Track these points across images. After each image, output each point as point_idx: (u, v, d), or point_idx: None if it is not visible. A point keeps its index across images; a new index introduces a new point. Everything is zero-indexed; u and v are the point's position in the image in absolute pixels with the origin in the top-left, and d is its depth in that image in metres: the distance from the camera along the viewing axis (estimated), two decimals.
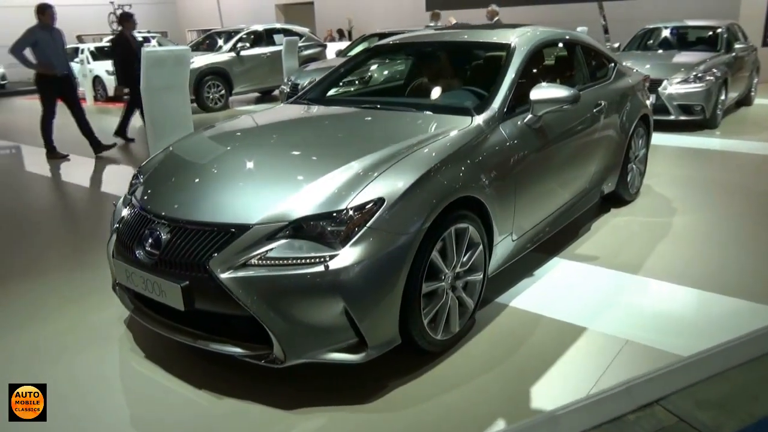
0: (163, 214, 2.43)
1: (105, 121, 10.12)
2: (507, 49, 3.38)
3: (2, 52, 19.46)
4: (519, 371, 2.50)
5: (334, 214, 2.22)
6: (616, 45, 9.09)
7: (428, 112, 3.12)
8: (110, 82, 13.20)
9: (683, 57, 8.04)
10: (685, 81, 7.39)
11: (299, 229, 2.23)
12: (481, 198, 2.65)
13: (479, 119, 2.89)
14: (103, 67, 13.50)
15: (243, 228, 2.23)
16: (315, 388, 2.39)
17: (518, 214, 3.01)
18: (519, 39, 3.46)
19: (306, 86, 4.99)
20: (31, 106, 14.44)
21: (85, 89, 13.74)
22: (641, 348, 2.63)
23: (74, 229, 4.78)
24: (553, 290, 3.20)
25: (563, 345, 2.67)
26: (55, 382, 2.47)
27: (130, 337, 2.83)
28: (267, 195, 2.37)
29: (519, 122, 3.07)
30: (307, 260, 2.14)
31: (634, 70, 4.92)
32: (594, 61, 4.24)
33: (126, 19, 7.95)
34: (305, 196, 2.29)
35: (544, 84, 3.11)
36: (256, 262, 2.17)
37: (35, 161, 7.45)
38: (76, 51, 14.27)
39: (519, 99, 3.13)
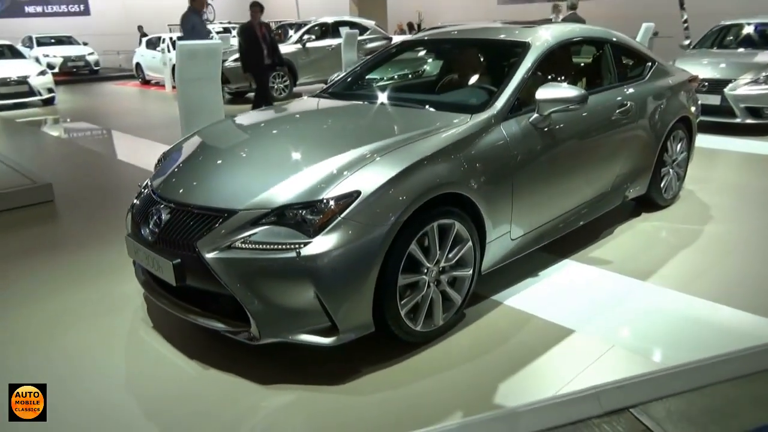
0: (166, 196, 2.65)
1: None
2: (522, 47, 3.37)
3: (96, 39, 20.90)
4: (494, 367, 2.54)
5: (313, 204, 2.35)
6: (686, 42, 8.64)
7: (431, 109, 3.17)
8: None
9: (759, 57, 7.53)
10: (755, 82, 6.95)
11: (282, 216, 2.37)
12: (469, 195, 2.69)
13: (478, 117, 2.92)
14: None
15: (230, 212, 2.41)
16: (292, 367, 2.53)
17: (517, 213, 3.02)
18: (536, 38, 3.44)
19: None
20: (121, 91, 15.55)
21: (165, 76, 14.58)
22: (625, 354, 2.60)
23: None
24: (552, 292, 3.19)
25: (546, 345, 2.67)
26: (67, 342, 2.77)
27: (144, 308, 3.08)
28: (255, 183, 2.53)
29: (524, 122, 3.06)
30: (283, 246, 2.28)
31: (680, 70, 4.71)
32: (626, 60, 4.12)
33: (253, 8, 8.10)
34: (289, 186, 2.43)
35: (551, 83, 3.08)
36: (239, 245, 2.33)
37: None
38: (158, 40, 15.12)
39: (531, 98, 3.12)
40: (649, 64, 4.25)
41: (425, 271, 2.60)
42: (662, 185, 4.35)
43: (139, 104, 13.32)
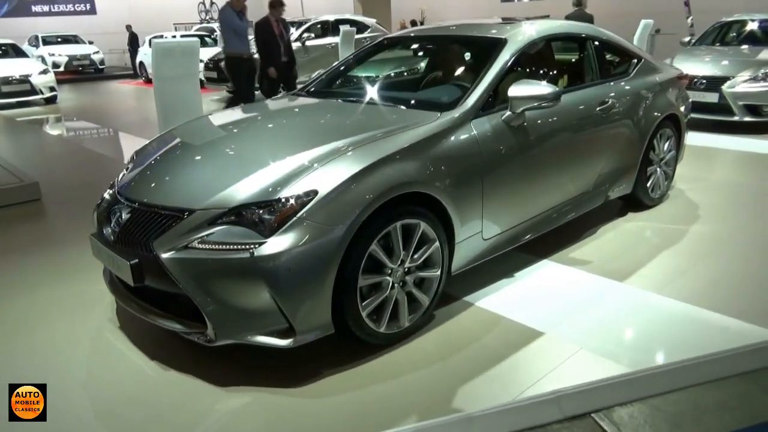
0: (127, 195, 2.63)
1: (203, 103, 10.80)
2: (498, 44, 3.31)
3: (102, 38, 20.97)
4: (457, 370, 2.49)
5: (269, 203, 2.31)
6: (686, 39, 8.52)
7: (402, 107, 3.13)
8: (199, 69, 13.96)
9: (761, 54, 7.39)
10: (753, 79, 6.83)
11: (240, 215, 2.34)
12: (435, 195, 2.65)
13: (447, 115, 2.87)
14: None
15: (188, 212, 2.37)
16: (252, 368, 2.49)
17: (489, 213, 2.97)
18: (512, 34, 3.38)
19: None
20: (124, 89, 15.63)
21: None
22: (592, 358, 2.54)
23: None
24: (526, 293, 3.13)
25: (512, 348, 2.62)
26: (34, 339, 2.77)
27: (113, 308, 3.06)
28: (215, 182, 2.49)
29: (496, 119, 3.01)
30: (237, 246, 2.25)
31: (670, 67, 4.63)
32: (609, 56, 4.05)
33: (272, 5, 7.92)
34: (247, 185, 2.40)
35: (524, 81, 3.03)
36: (196, 245, 2.30)
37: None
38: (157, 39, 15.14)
39: (506, 95, 3.05)
40: (635, 61, 4.18)
41: (389, 271, 2.55)
42: (649, 184, 4.27)
43: (139, 103, 13.33)
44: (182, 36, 16.02)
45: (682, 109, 4.48)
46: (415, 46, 4.01)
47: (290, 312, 2.28)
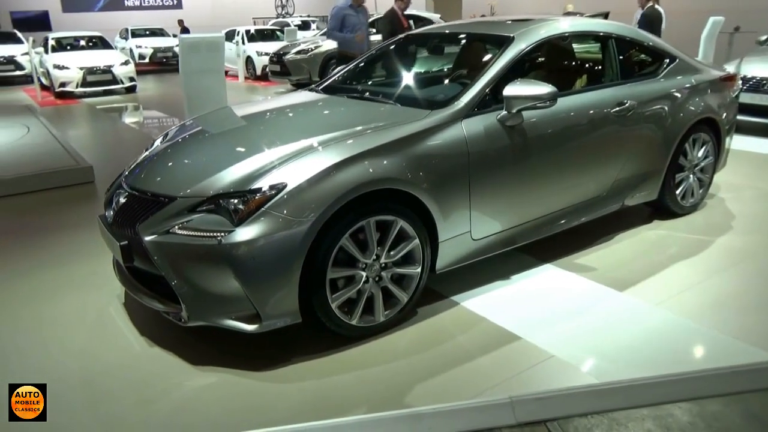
0: (127, 181, 2.82)
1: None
2: (504, 42, 3.26)
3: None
4: (422, 367, 2.52)
5: (241, 194, 2.42)
6: (763, 38, 7.93)
7: (398, 104, 3.14)
8: (259, 63, 14.51)
9: None
10: None
11: (218, 204, 2.46)
12: (414, 193, 2.66)
13: (436, 114, 2.86)
14: (254, 49, 14.82)
15: (170, 199, 2.53)
16: (227, 350, 2.62)
17: (479, 213, 2.95)
18: (522, 32, 3.31)
19: None
20: None
21: (238, 68, 15.23)
22: (562, 365, 2.48)
23: None
24: (516, 296, 3.09)
25: (483, 350, 2.61)
26: (44, 311, 3.04)
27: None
28: (199, 171, 2.64)
29: (491, 119, 2.97)
30: (208, 234, 2.37)
31: (714, 68, 4.36)
32: (635, 56, 3.87)
33: None
34: (225, 175, 2.52)
35: (521, 80, 2.97)
36: (176, 230, 2.45)
37: None
38: (232, 33, 15.78)
39: None
40: (667, 60, 3.97)
41: (362, 266, 2.60)
42: (678, 192, 4.06)
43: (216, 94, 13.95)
44: (257, 30, 16.59)
45: (724, 112, 4.20)
46: (429, 43, 4.00)
47: (256, 299, 2.38)
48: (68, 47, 13.95)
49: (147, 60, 18.90)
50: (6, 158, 6.06)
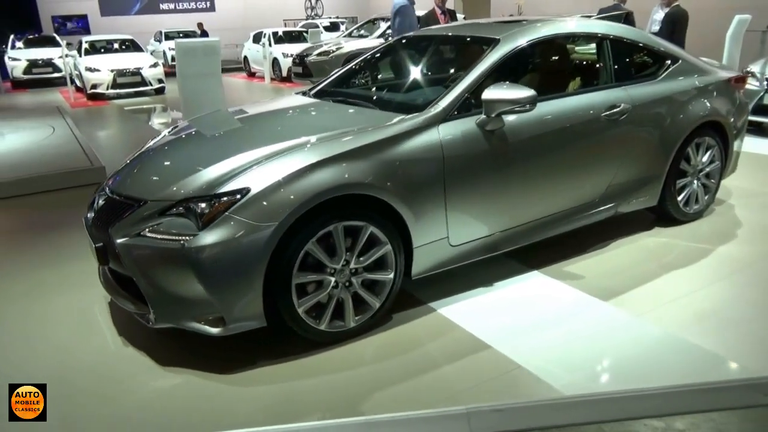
0: (108, 184, 2.89)
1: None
2: (489, 44, 3.21)
3: (219, 34, 22.43)
4: (386, 374, 2.50)
5: (206, 198, 2.44)
6: None
7: (377, 109, 3.13)
8: (285, 64, 14.65)
9: None
10: None
11: (187, 208, 2.49)
12: (384, 198, 2.64)
13: (411, 118, 2.83)
14: (280, 51, 14.98)
15: (142, 202, 2.57)
16: (196, 351, 2.64)
17: (456, 220, 2.91)
18: (508, 35, 3.25)
19: None
20: (228, 82, 16.63)
21: (264, 69, 15.42)
22: (527, 377, 2.43)
23: None
24: (495, 304, 3.03)
25: (451, 358, 2.58)
26: (35, 308, 3.15)
27: None
28: (170, 176, 2.68)
29: (469, 124, 2.93)
30: (173, 238, 2.40)
31: (722, 69, 4.20)
32: (632, 57, 3.76)
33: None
34: (194, 180, 2.55)
35: (501, 83, 2.92)
36: (146, 233, 2.49)
37: None
38: (259, 35, 15.98)
39: None
40: (669, 62, 3.84)
41: (330, 271, 2.60)
42: (680, 198, 3.93)
43: (237, 95, 14.17)
44: (284, 32, 16.78)
45: (731, 116, 4.05)
46: (420, 47, 3.97)
47: (219, 302, 2.41)
48: (101, 50, 14.37)
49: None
50: (26, 158, 6.28)
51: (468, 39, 3.60)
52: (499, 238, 3.15)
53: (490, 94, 2.86)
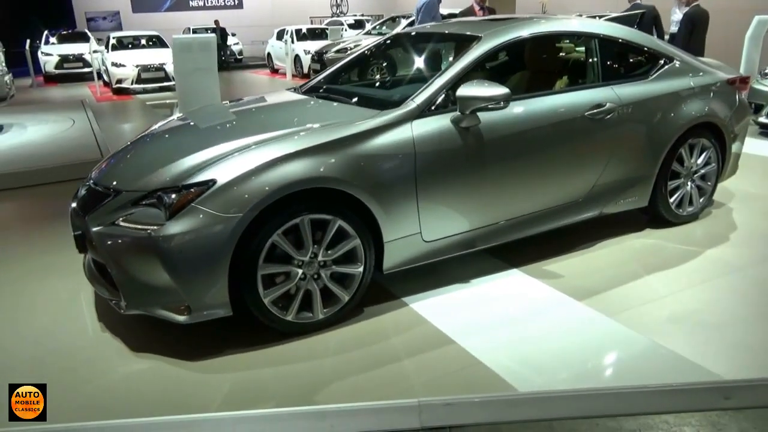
0: (91, 174, 2.99)
1: None
2: (470, 42, 3.21)
3: (247, 30, 22.72)
4: (347, 365, 2.54)
5: (175, 189, 2.51)
6: None
7: (355, 105, 3.16)
8: (306, 61, 14.79)
9: None
10: None
11: (159, 198, 2.57)
12: (352, 192, 2.67)
13: (384, 114, 2.86)
14: (302, 48, 15.12)
15: (117, 192, 2.66)
16: (167, 338, 2.71)
17: (429, 216, 2.93)
18: (489, 32, 3.25)
19: None
20: (251, 78, 16.89)
21: (286, 65, 15.58)
22: (484, 372, 2.44)
23: None
24: (468, 300, 3.04)
25: (412, 352, 2.60)
26: (27, 291, 3.28)
27: None
28: (146, 166, 2.75)
29: (444, 120, 2.94)
30: (142, 227, 2.48)
31: (720, 69, 4.11)
32: (623, 56, 3.71)
33: None
34: (167, 171, 2.62)
35: (476, 80, 2.92)
36: (120, 222, 2.57)
37: None
38: (282, 32, 16.15)
39: None
40: (662, 61, 3.78)
41: (298, 263, 2.64)
42: (673, 199, 3.87)
43: (258, 91, 14.38)
44: (308, 29, 16.93)
45: (729, 118, 3.96)
46: (407, 45, 3.98)
47: (185, 291, 2.47)
48: (128, 46, 14.72)
49: None
50: (40, 150, 6.48)
51: (452, 36, 3.61)
52: (474, 236, 3.15)
53: (464, 91, 2.87)
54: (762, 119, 6.54)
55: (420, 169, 2.85)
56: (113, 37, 14.66)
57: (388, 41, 4.20)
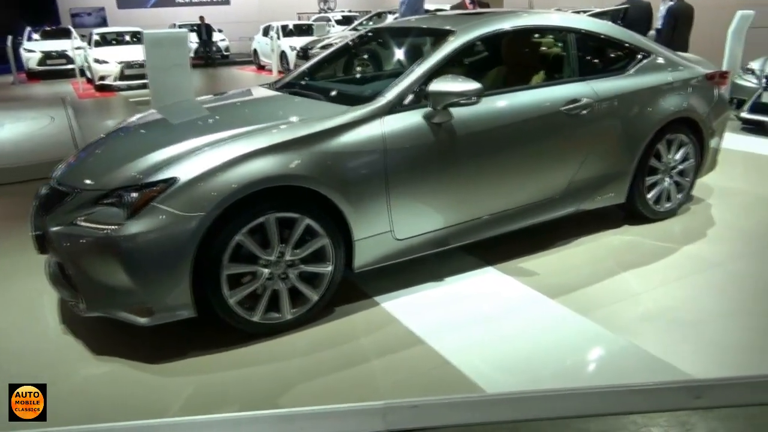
0: (53, 173, 2.90)
1: None
2: (444, 36, 3.16)
3: (234, 27, 22.47)
4: (314, 367, 2.49)
5: (135, 188, 2.44)
6: None
7: (325, 101, 3.09)
8: (292, 57, 14.66)
9: None
10: None
11: (119, 197, 2.49)
12: (319, 190, 2.62)
13: (354, 110, 2.80)
14: (288, 44, 14.99)
15: (77, 191, 2.58)
16: (130, 340, 2.64)
17: (401, 213, 2.87)
18: (463, 27, 3.20)
19: None
20: (237, 75, 16.74)
21: (272, 62, 15.45)
22: (452, 373, 2.39)
23: None
24: (441, 299, 2.99)
25: (381, 353, 2.56)
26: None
27: None
28: (107, 165, 2.68)
29: (416, 116, 2.89)
30: (101, 227, 2.41)
31: (700, 64, 4.08)
32: (597, 52, 3.67)
33: None
34: (127, 169, 2.55)
35: (448, 75, 2.87)
36: (79, 222, 2.50)
37: None
38: (268, 28, 16.02)
39: None
40: (640, 56, 3.74)
41: (264, 262, 2.58)
42: (651, 195, 3.84)
43: (242, 87, 14.23)
44: (295, 25, 16.82)
45: (707, 113, 3.93)
46: (381, 40, 3.93)
47: (146, 292, 2.41)
48: (113, 42, 14.54)
49: (191, 54, 19.44)
50: (15, 148, 6.37)
51: (427, 31, 3.55)
52: (448, 233, 3.10)
53: (436, 86, 2.82)
54: (744, 114, 6.54)
55: (391, 165, 2.80)
56: (96, 34, 14.49)
57: (365, 36, 4.15)
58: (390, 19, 12.39)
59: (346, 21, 19.50)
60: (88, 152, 3.03)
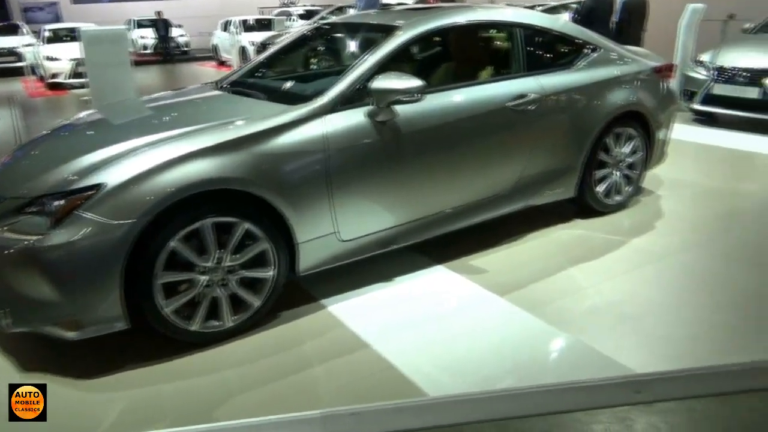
0: None
1: None
2: (388, 32, 3.10)
3: (194, 21, 21.98)
4: (254, 376, 2.41)
5: (59, 195, 2.32)
6: (747, 26, 7.53)
7: (265, 100, 3.00)
8: (253, 52, 14.42)
9: None
10: None
11: (42, 205, 2.36)
12: (256, 192, 2.53)
13: (293, 109, 2.72)
14: (248, 39, 14.74)
15: (1, 199, 2.44)
16: (61, 354, 2.53)
17: (345, 214, 2.81)
18: (408, 23, 3.14)
19: None
20: (196, 71, 16.39)
21: (233, 57, 15.17)
22: (396, 377, 2.34)
23: None
24: (388, 300, 2.95)
25: (324, 358, 2.49)
26: None
27: None
28: (33, 171, 2.55)
29: (359, 115, 2.82)
30: (23, 237, 2.28)
31: (648, 58, 4.10)
32: (545, 46, 3.66)
33: None
34: (51, 176, 2.42)
35: (390, 72, 2.81)
36: (2, 233, 2.36)
37: None
38: (227, 23, 15.73)
39: None
40: (587, 50, 3.75)
41: (202, 269, 2.49)
42: (600, 189, 3.85)
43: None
44: (256, 19, 16.56)
45: (654, 106, 3.97)
46: (327, 36, 3.85)
47: (74, 305, 2.29)
48: (65, 38, 14.06)
49: (150, 50, 19.02)
50: None
51: (373, 27, 3.48)
52: (395, 233, 3.05)
53: (378, 83, 2.76)
54: (696, 106, 6.65)
55: (333, 166, 2.73)
56: (48, 30, 13.99)
57: (313, 32, 4.06)
58: (351, 13, 12.27)
59: (309, 15, 19.27)
60: (15, 157, 2.88)
